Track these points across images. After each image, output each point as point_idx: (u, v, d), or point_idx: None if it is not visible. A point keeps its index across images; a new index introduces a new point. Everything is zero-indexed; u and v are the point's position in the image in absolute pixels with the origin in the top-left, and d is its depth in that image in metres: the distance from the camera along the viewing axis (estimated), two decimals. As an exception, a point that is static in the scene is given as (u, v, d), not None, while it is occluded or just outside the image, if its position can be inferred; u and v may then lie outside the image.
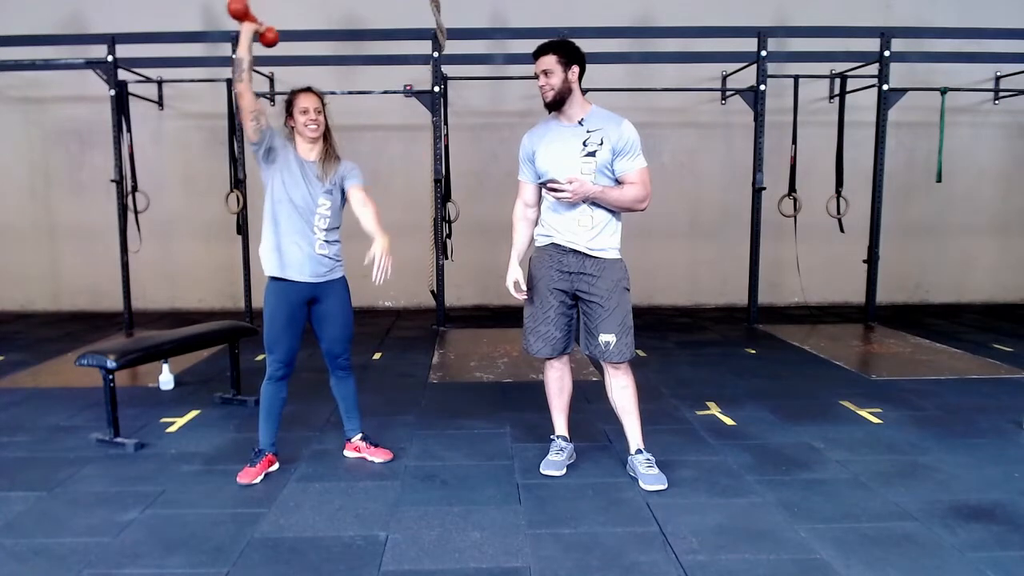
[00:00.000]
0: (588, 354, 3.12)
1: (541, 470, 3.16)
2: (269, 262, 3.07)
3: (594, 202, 2.93)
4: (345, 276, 3.27)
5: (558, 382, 3.23)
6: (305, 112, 3.02)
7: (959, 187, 7.93)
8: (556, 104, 2.94)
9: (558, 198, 2.90)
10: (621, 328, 2.99)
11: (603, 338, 2.98)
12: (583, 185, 2.85)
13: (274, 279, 3.07)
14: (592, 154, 2.90)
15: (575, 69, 2.92)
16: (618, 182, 2.95)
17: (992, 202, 8.16)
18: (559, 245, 3.02)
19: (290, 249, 3.04)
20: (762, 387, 4.59)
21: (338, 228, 3.19)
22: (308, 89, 3.09)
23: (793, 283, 7.60)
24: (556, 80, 2.90)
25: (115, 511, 2.82)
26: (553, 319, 3.07)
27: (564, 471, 3.16)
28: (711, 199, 7.94)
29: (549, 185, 2.90)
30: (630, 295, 3.05)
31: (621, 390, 3.10)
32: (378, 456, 3.34)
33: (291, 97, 3.08)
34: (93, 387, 3.86)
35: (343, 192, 3.14)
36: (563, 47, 2.93)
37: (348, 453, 3.41)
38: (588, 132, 2.93)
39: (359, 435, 3.39)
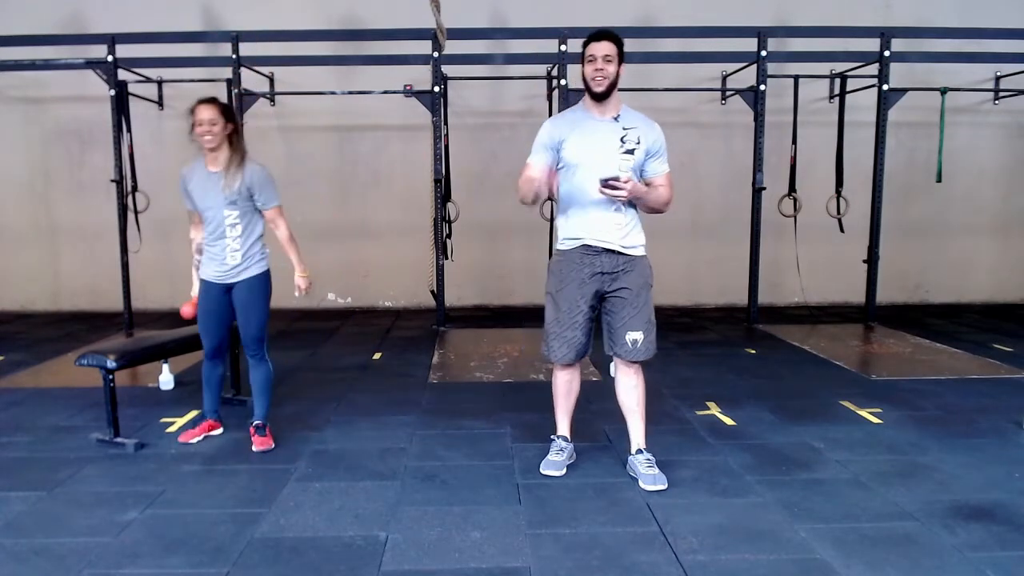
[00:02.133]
0: (610, 354, 3.08)
1: (541, 470, 3.14)
2: (202, 266, 3.45)
3: (629, 201, 2.89)
4: (264, 272, 3.43)
5: (567, 385, 3.18)
6: (200, 124, 3.18)
7: (959, 187, 7.93)
8: (604, 95, 2.86)
9: (613, 195, 2.79)
10: (648, 325, 2.98)
11: (630, 336, 2.95)
12: (636, 185, 2.81)
13: (201, 280, 3.45)
14: (631, 152, 2.87)
15: (623, 64, 2.90)
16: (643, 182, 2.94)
17: (992, 202, 8.16)
18: (590, 246, 2.95)
19: (208, 255, 3.38)
20: (762, 387, 4.59)
21: (257, 232, 3.39)
22: (206, 101, 3.24)
23: (793, 283, 7.60)
24: (613, 69, 2.84)
25: (115, 511, 2.82)
26: (581, 323, 3.00)
27: (564, 471, 3.13)
28: (711, 199, 7.93)
29: (610, 182, 2.75)
30: (652, 292, 3.04)
31: (631, 389, 3.09)
32: (257, 444, 3.45)
33: (192, 109, 3.23)
34: (93, 387, 3.86)
35: (254, 199, 3.35)
36: (620, 39, 2.90)
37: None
38: (625, 129, 2.87)
39: (256, 423, 3.52)
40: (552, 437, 3.27)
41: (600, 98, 2.88)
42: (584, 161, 2.86)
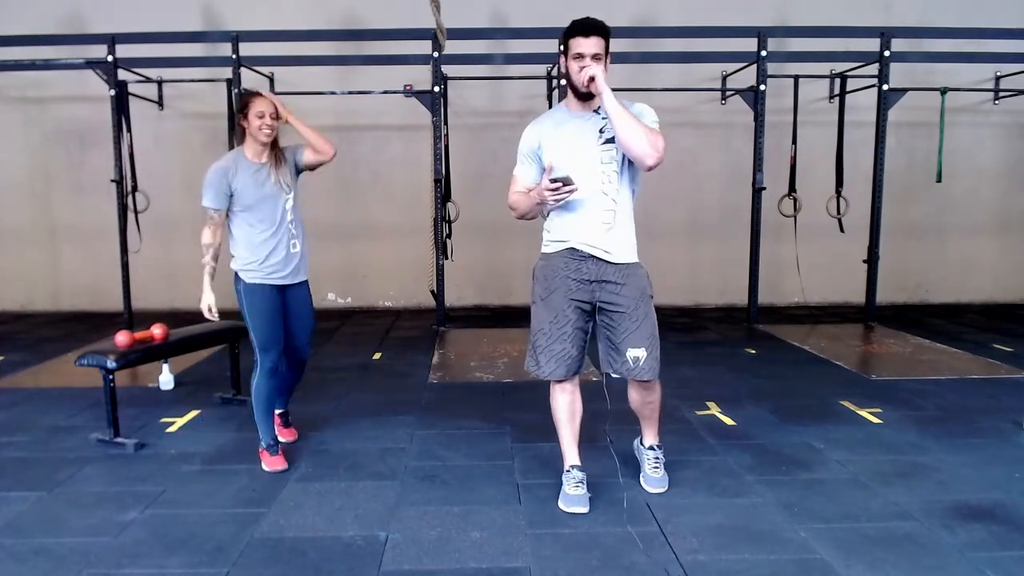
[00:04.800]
0: (612, 372, 2.86)
1: (564, 508, 2.80)
2: (248, 269, 3.19)
3: (621, 190, 2.68)
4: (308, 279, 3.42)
5: (569, 407, 2.87)
6: (261, 116, 3.09)
7: (959, 187, 7.93)
8: (591, 95, 2.66)
9: (562, 199, 2.58)
10: (651, 340, 2.74)
11: (632, 353, 2.72)
12: (585, 70, 2.55)
13: (256, 284, 3.19)
14: (611, 140, 2.64)
15: (610, 56, 2.68)
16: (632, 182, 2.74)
17: (992, 202, 8.15)
18: (576, 250, 2.73)
19: (262, 253, 3.17)
20: (762, 387, 4.59)
21: (302, 224, 3.31)
22: (258, 94, 3.19)
23: (793, 283, 7.60)
24: (602, 66, 2.63)
25: (115, 511, 2.82)
26: (571, 335, 2.74)
27: (588, 507, 2.79)
28: (711, 199, 7.93)
29: (560, 180, 2.52)
30: (653, 302, 2.81)
31: (646, 404, 2.95)
32: (284, 436, 3.50)
33: (246, 99, 3.15)
34: (93, 387, 3.86)
35: (298, 172, 3.31)
36: (608, 29, 2.65)
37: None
38: (604, 119, 2.66)
39: (279, 411, 3.53)
40: (566, 469, 2.89)
41: (585, 98, 2.69)
42: (566, 160, 2.65)
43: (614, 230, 2.72)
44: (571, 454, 2.91)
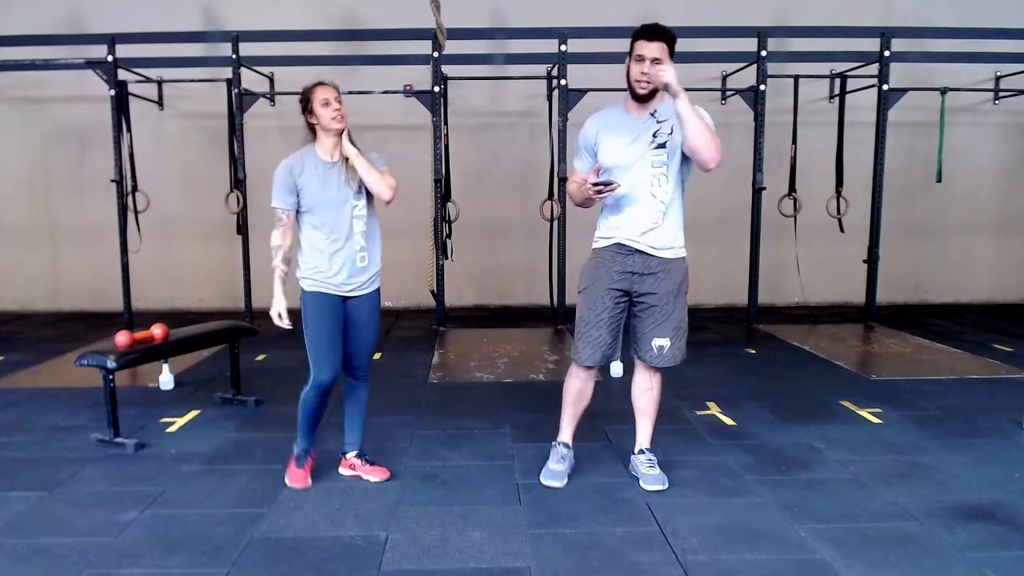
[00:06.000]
0: (636, 357, 2.99)
1: (541, 480, 3.03)
2: (307, 277, 2.92)
3: (671, 189, 2.81)
4: (380, 287, 3.09)
5: (579, 392, 3.05)
6: (327, 104, 2.84)
7: (959, 187, 7.93)
8: (647, 97, 2.75)
9: (605, 194, 2.72)
10: (677, 332, 2.90)
11: (656, 342, 2.89)
12: (661, 74, 2.60)
13: (314, 292, 2.91)
14: (663, 145, 2.74)
15: (672, 64, 2.73)
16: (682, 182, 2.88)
17: (992, 202, 8.16)
18: (623, 245, 2.85)
19: (326, 262, 2.89)
20: (762, 387, 4.59)
21: (378, 231, 3.01)
22: (322, 83, 2.93)
23: (793, 283, 7.60)
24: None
25: (115, 511, 2.82)
26: (606, 321, 2.88)
27: (565, 482, 3.01)
28: (711, 199, 7.91)
29: (599, 183, 2.66)
30: (687, 297, 2.95)
31: (646, 391, 3.05)
32: (374, 475, 3.12)
33: (308, 93, 2.89)
34: (93, 387, 3.85)
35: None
36: (674, 38, 2.75)
37: (343, 471, 3.18)
38: (659, 122, 2.76)
39: (355, 452, 3.17)
40: (554, 443, 3.13)
41: (643, 100, 2.78)
42: (618, 161, 2.76)
43: (660, 229, 2.84)
44: (565, 432, 3.11)
